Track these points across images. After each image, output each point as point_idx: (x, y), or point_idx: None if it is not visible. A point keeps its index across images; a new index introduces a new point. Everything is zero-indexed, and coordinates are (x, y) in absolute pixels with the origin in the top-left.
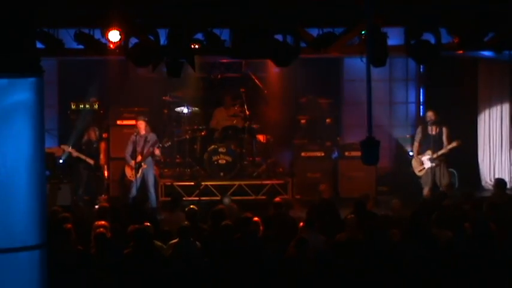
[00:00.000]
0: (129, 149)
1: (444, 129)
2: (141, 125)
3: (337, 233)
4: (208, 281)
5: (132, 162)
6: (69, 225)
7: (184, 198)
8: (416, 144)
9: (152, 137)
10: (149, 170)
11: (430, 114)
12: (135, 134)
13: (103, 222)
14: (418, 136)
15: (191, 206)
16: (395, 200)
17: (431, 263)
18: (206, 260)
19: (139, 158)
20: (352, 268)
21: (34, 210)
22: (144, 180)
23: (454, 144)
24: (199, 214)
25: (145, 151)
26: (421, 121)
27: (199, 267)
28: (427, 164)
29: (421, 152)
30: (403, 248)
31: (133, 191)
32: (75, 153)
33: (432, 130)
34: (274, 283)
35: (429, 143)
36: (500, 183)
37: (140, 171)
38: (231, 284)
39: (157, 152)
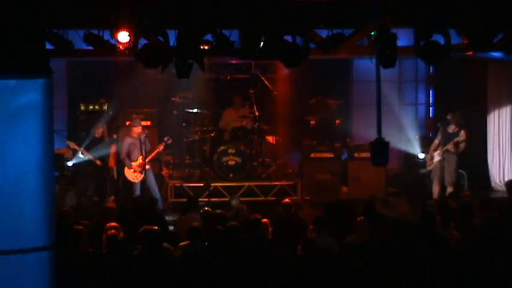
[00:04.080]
0: (126, 151)
1: (462, 132)
2: (138, 129)
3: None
4: (217, 282)
5: (134, 164)
6: (80, 227)
7: None
8: (436, 142)
9: (146, 137)
10: (150, 170)
11: (449, 116)
12: (129, 136)
13: (114, 224)
14: (439, 135)
15: (205, 208)
16: (403, 204)
17: (440, 264)
18: (215, 262)
19: (141, 159)
20: (361, 269)
21: (43, 211)
22: (146, 182)
23: (460, 137)
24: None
25: (144, 152)
26: (442, 121)
27: (208, 269)
28: (436, 158)
29: (434, 149)
30: (412, 249)
31: (137, 193)
32: (85, 153)
33: (451, 129)
34: (283, 285)
35: (446, 141)
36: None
37: (144, 172)
38: (239, 285)
39: (161, 147)
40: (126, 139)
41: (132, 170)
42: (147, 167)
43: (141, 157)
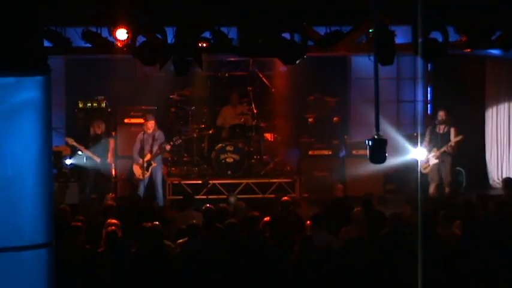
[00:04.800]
0: (137, 147)
1: (452, 129)
2: (150, 124)
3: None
4: (215, 280)
5: (141, 161)
6: (78, 223)
7: None
8: (425, 143)
9: (160, 134)
10: (158, 169)
11: (441, 114)
12: (143, 132)
13: (114, 221)
14: (428, 135)
15: (207, 205)
16: (406, 206)
17: (438, 262)
18: (213, 259)
19: (148, 156)
20: (359, 266)
21: (41, 208)
22: (152, 179)
23: (457, 138)
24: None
25: (154, 149)
26: (430, 120)
27: (207, 266)
28: (432, 161)
29: (428, 150)
30: (412, 247)
31: (142, 190)
32: (83, 150)
33: (440, 129)
34: (281, 282)
35: (436, 141)
36: (508, 182)
37: (150, 169)
38: (237, 283)
39: (168, 147)
40: (138, 135)
41: (139, 166)
42: (154, 164)
43: (149, 154)
